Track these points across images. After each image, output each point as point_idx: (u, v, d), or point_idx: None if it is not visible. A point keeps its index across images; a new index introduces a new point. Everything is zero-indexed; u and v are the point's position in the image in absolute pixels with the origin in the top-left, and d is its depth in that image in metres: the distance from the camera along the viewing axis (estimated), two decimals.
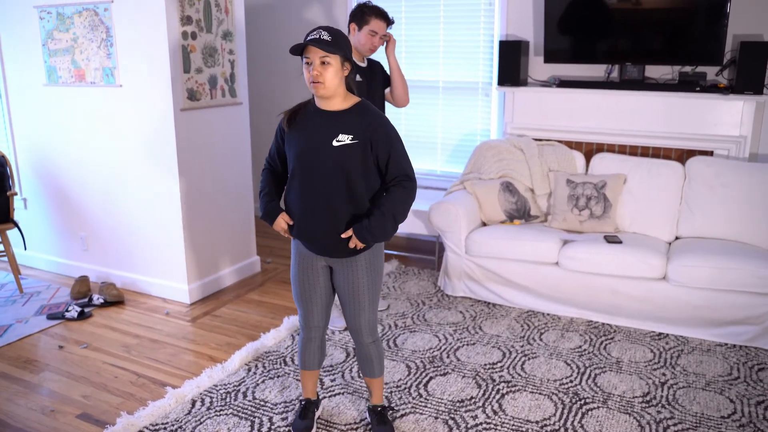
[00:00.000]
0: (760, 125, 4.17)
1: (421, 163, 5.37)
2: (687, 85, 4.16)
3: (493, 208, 4.21)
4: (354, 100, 2.47)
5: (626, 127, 4.39)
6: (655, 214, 4.01)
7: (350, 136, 2.38)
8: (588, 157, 4.47)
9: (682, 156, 4.32)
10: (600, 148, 4.54)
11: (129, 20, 3.90)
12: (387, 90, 3.76)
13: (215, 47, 4.12)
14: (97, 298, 4.14)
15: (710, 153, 4.24)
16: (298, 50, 2.33)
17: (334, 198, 2.42)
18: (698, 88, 4.10)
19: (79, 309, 3.97)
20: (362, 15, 3.45)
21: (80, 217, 4.52)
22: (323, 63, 2.31)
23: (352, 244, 2.43)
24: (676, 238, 4.01)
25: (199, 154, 4.12)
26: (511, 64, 4.54)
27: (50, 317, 3.95)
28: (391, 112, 5.34)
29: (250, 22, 5.80)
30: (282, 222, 2.54)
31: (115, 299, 4.16)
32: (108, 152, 4.24)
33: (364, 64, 3.59)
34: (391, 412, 2.90)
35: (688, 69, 4.26)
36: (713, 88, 4.09)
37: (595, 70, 4.56)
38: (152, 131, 4.00)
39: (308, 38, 2.31)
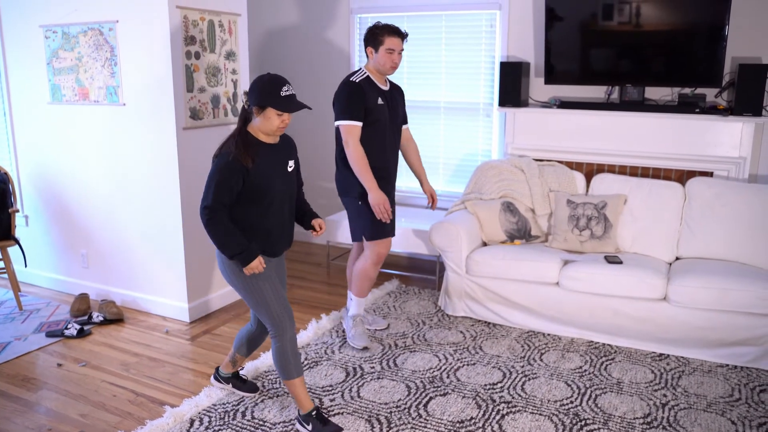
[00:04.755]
0: (759, 146, 4.20)
1: None
2: (686, 106, 4.18)
3: (493, 228, 4.22)
4: None
5: (626, 147, 4.41)
6: (656, 235, 4.01)
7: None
8: (588, 177, 4.48)
9: (682, 177, 4.33)
10: (600, 168, 4.55)
11: (133, 40, 3.94)
12: (404, 126, 3.82)
13: (218, 67, 4.16)
14: (97, 316, 4.13)
15: (710, 174, 4.25)
16: (287, 109, 2.66)
17: None
18: (698, 110, 4.12)
19: (78, 327, 3.96)
20: (375, 36, 3.47)
21: (81, 235, 4.53)
22: None
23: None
24: (677, 258, 4.01)
25: (201, 172, 4.13)
26: (512, 85, 4.57)
27: (49, 335, 3.94)
28: None
29: (254, 42, 5.86)
30: None
31: (114, 317, 4.16)
32: (110, 170, 4.26)
33: (386, 87, 3.61)
34: None
35: (687, 91, 4.29)
36: (713, 110, 4.11)
37: (596, 92, 4.59)
38: (155, 150, 4.02)
39: (291, 98, 2.65)
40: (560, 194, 4.24)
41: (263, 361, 3.53)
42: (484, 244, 4.24)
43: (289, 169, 2.81)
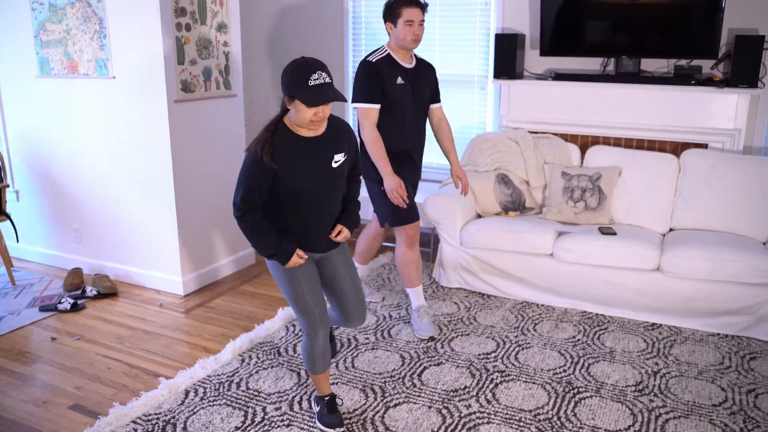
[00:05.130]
0: (755, 118, 4.18)
1: None
2: (682, 78, 4.16)
3: (488, 200, 4.21)
4: None
5: (622, 120, 4.39)
6: (650, 206, 4.01)
7: None
8: (583, 149, 4.46)
9: (677, 149, 4.32)
10: (595, 140, 4.54)
11: (122, 11, 3.88)
12: (435, 106, 3.59)
13: (210, 39, 4.11)
14: (91, 290, 4.13)
15: (705, 146, 4.24)
16: (312, 102, 2.28)
17: None
18: (693, 82, 4.10)
19: (72, 301, 3.96)
20: (392, 10, 3.31)
21: (73, 209, 4.50)
22: None
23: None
24: (671, 229, 4.01)
25: (193, 145, 4.10)
26: (507, 57, 4.53)
27: (43, 309, 3.94)
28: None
29: (245, 14, 5.78)
30: None
31: (108, 291, 4.15)
32: (101, 144, 4.22)
33: (410, 65, 3.43)
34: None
35: (683, 62, 4.26)
36: (708, 82, 4.09)
37: (591, 64, 4.56)
38: (146, 123, 3.98)
39: (320, 88, 2.28)
40: (555, 166, 4.23)
41: (258, 333, 3.53)
42: (479, 216, 4.24)
43: (335, 165, 2.48)
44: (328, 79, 2.29)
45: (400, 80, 3.35)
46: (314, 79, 2.25)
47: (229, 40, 4.27)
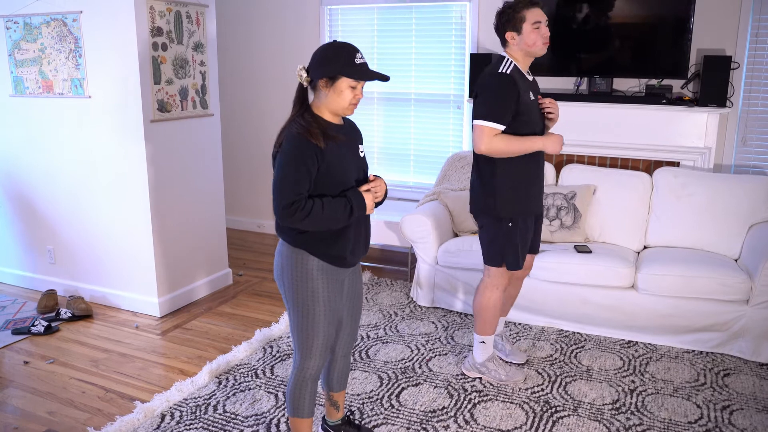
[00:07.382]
0: (724, 136, 4.28)
1: (393, 174, 5.39)
2: (653, 97, 4.24)
3: (464, 218, 4.24)
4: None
5: (595, 138, 4.45)
6: (624, 224, 4.07)
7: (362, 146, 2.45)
8: (558, 168, 4.52)
9: (650, 167, 4.39)
10: (570, 159, 4.60)
11: (98, 31, 3.87)
12: None
13: (186, 59, 4.10)
14: (65, 312, 4.06)
15: (677, 164, 4.32)
16: (364, 77, 2.24)
17: None
18: (664, 101, 4.18)
19: (45, 323, 3.89)
20: (513, 14, 2.88)
21: (48, 230, 4.44)
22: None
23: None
24: (645, 247, 4.07)
25: (170, 165, 4.08)
26: None
27: (15, 332, 3.87)
28: (363, 123, 5.37)
29: (222, 33, 5.79)
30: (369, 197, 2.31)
31: (83, 313, 4.09)
32: (77, 164, 4.18)
33: (531, 78, 3.01)
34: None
35: (654, 82, 4.35)
36: (679, 101, 4.17)
37: (565, 83, 4.63)
38: (122, 143, 3.96)
39: (365, 66, 2.24)
40: None
41: (235, 355, 3.51)
42: (456, 235, 4.26)
43: (361, 155, 2.39)
44: (366, 60, 2.28)
45: (531, 96, 2.95)
46: (359, 58, 2.23)
47: (206, 60, 4.27)
